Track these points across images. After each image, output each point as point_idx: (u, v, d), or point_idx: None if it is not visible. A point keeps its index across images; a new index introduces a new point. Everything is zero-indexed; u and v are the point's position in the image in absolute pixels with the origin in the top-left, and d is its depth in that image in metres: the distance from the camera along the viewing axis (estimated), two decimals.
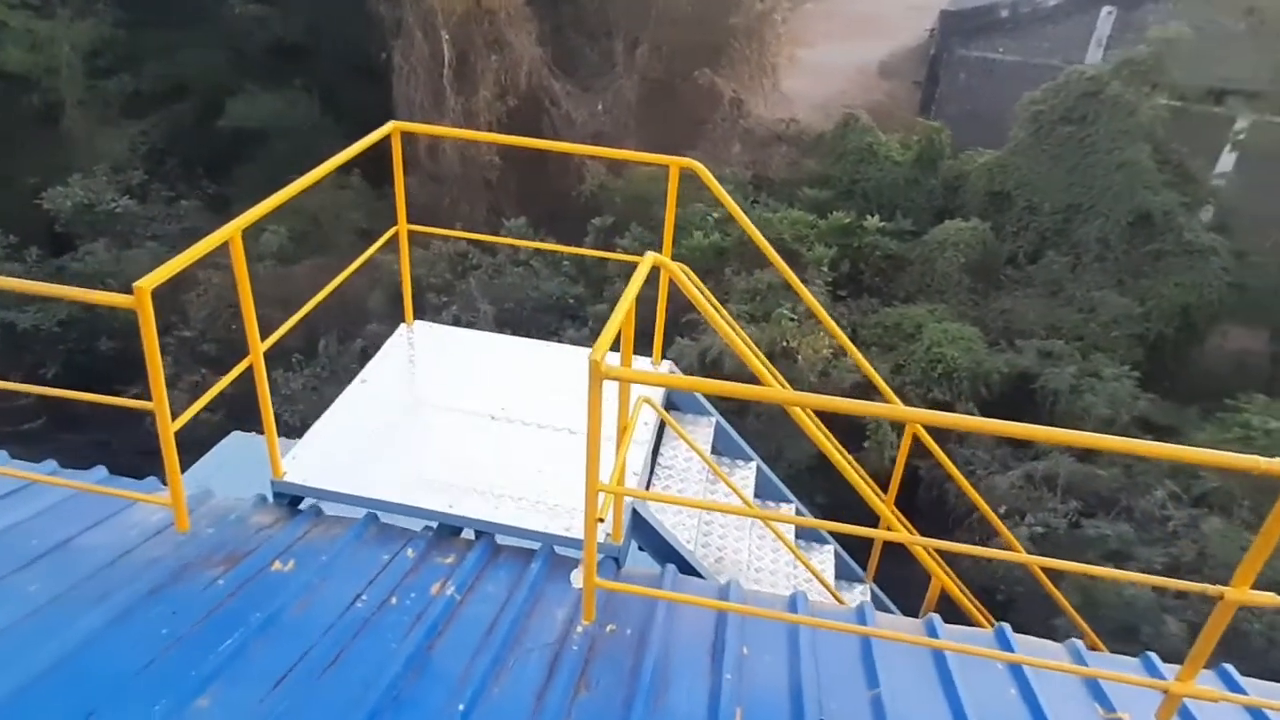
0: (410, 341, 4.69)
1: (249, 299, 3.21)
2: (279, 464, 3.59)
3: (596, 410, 2.57)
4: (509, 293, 13.68)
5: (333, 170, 3.81)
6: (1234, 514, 10.28)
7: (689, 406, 4.66)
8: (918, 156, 15.41)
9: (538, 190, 15.63)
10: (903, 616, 3.42)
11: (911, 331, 12.35)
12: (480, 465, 3.79)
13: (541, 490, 3.67)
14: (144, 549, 3.22)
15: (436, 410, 4.17)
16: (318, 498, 3.60)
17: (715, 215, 14.05)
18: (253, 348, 3.29)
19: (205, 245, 2.94)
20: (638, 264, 3.35)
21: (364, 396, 4.19)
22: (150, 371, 2.77)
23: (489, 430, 4.05)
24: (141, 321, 2.69)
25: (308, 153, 17.00)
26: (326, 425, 3.95)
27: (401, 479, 3.67)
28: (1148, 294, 13.31)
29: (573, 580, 3.31)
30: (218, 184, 15.78)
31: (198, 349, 13.54)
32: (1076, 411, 11.79)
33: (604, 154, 4.89)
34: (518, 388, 4.36)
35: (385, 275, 13.79)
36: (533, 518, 3.52)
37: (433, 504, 3.54)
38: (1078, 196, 13.80)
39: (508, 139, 4.77)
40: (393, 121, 4.31)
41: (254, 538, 3.36)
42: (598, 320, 13.46)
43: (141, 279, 2.65)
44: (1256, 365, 14.65)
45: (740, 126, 17.70)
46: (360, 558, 3.31)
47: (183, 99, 16.50)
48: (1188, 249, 13.35)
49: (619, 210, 14.93)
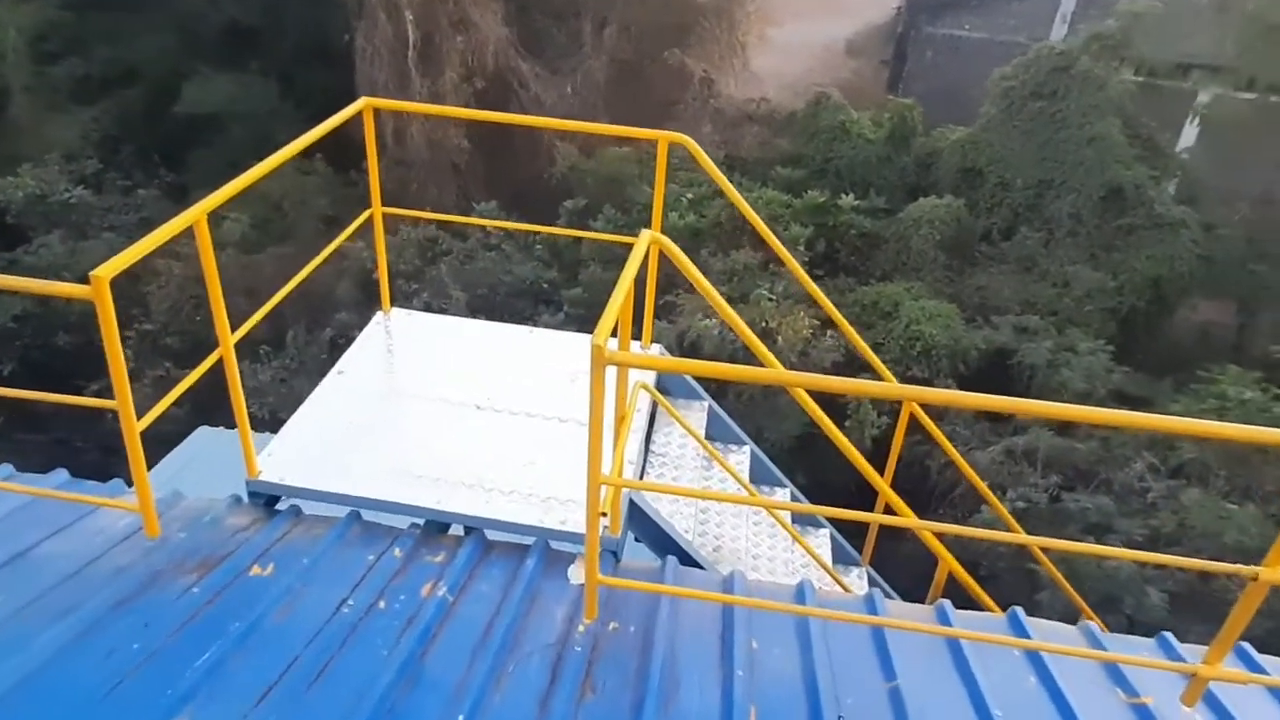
0: (387, 329, 4.49)
1: (216, 287, 3.00)
2: (254, 462, 3.38)
3: (599, 398, 2.40)
4: (481, 278, 13.42)
5: (299, 152, 3.57)
6: (1210, 484, 10.37)
7: (680, 391, 4.51)
8: (890, 134, 15.33)
9: (507, 173, 15.36)
10: (911, 604, 3.31)
11: (889, 310, 12.29)
12: (467, 457, 3.62)
13: (533, 482, 3.51)
14: (111, 557, 3.00)
15: (418, 401, 3.98)
16: (296, 497, 3.41)
17: (689, 196, 13.88)
18: (222, 339, 3.08)
19: (167, 231, 2.72)
20: (628, 244, 3.19)
21: (341, 388, 3.98)
22: (112, 368, 2.56)
23: (474, 420, 3.86)
24: (100, 314, 2.48)
25: (267, 138, 16.58)
26: (303, 419, 3.75)
27: (385, 474, 3.48)
28: (1120, 268, 13.37)
29: (570, 576, 3.15)
30: (175, 172, 15.30)
31: (160, 342, 13.15)
32: (1053, 386, 11.83)
33: (589, 129, 4.71)
34: (502, 375, 4.18)
35: (353, 263, 13.48)
36: (526, 511, 3.35)
37: (420, 500, 3.36)
38: (1050, 172, 13.80)
39: (485, 115, 4.57)
40: (364, 97, 4.08)
41: (230, 541, 3.16)
42: (573, 304, 13.26)
43: (99, 267, 2.44)
44: (1222, 336, 14.82)
45: (711, 106, 17.51)
46: (344, 559, 3.12)
47: (135, 84, 15.96)
48: (1158, 222, 13.41)
49: (591, 192, 14.71)
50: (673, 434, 4.32)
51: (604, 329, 2.36)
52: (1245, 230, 14.01)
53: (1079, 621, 3.18)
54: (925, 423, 4.50)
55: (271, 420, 12.82)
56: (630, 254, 2.89)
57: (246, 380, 12.93)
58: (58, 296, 2.48)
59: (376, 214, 4.41)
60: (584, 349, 4.44)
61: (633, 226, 13.75)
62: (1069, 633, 3.16)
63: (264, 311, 3.55)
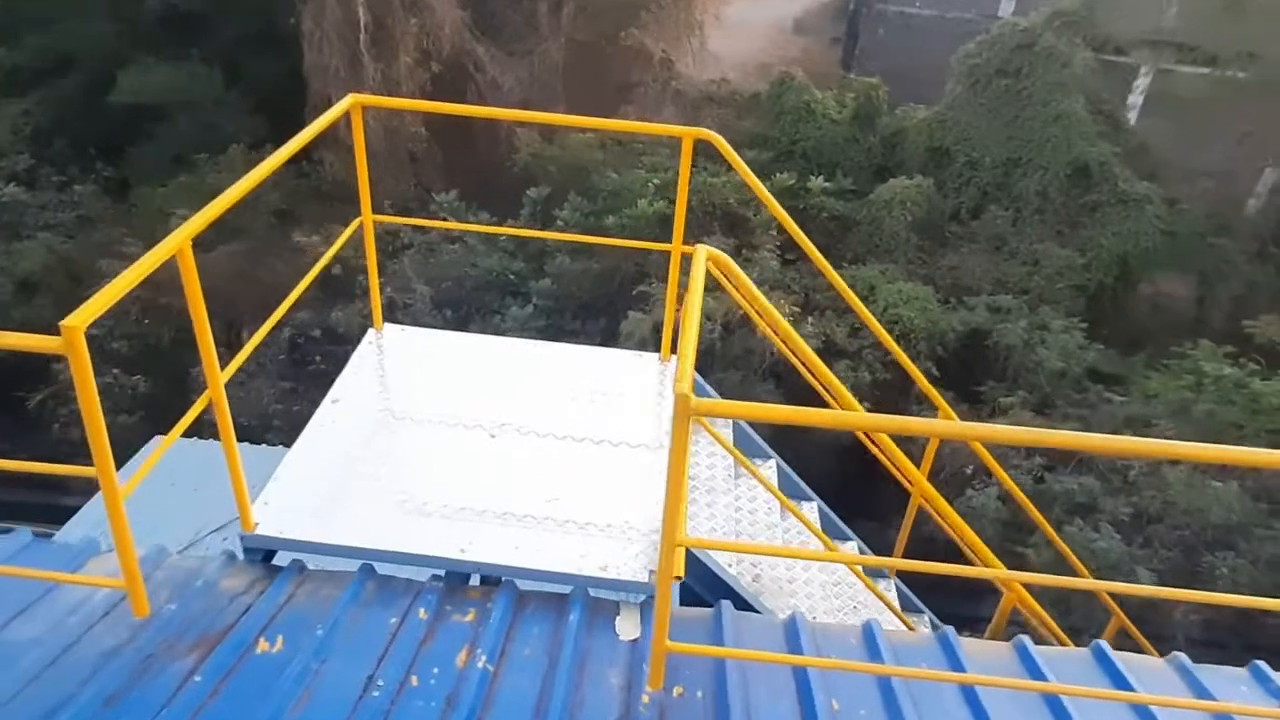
0: (380, 349, 4.09)
1: (204, 322, 2.60)
2: (248, 514, 3.00)
3: (682, 455, 2.08)
4: (445, 271, 12.95)
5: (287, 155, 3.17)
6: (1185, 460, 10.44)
7: None
8: (855, 114, 15.12)
9: (467, 162, 14.83)
10: (985, 641, 3.06)
11: (864, 293, 12.10)
12: (487, 492, 3.27)
13: (564, 520, 3.18)
14: (92, 639, 2.61)
15: (425, 428, 3.61)
16: (300, 551, 3.03)
17: (656, 181, 13.53)
18: (211, 380, 2.68)
19: (149, 263, 2.32)
20: (651, 249, 2.86)
21: (338, 419, 3.59)
22: (90, 429, 2.17)
23: (489, 451, 3.51)
24: (75, 369, 2.08)
25: (212, 129, 15.77)
26: (298, 459, 3.36)
27: (397, 519, 3.12)
28: (1087, 245, 13.39)
29: (619, 631, 2.84)
30: (114, 166, 14.48)
31: (106, 347, 12.43)
32: (1029, 365, 11.80)
33: (611, 126, 4.38)
34: (512, 395, 3.83)
35: (311, 260, 12.85)
36: (561, 557, 3.02)
37: (441, 549, 3.01)
38: (1017, 150, 13.74)
39: (483, 111, 4.18)
40: (352, 95, 3.67)
41: (228, 610, 2.78)
42: (542, 296, 12.87)
43: (72, 315, 2.04)
44: (1181, 310, 14.96)
45: (671, 88, 17.13)
46: (363, 626, 2.76)
47: (69, 74, 15.05)
48: (1123, 199, 13.44)
49: (555, 180, 14.27)
50: (699, 454, 4.02)
51: (685, 374, 2.04)
52: (1207, 205, 14.12)
53: (1169, 655, 2.96)
54: (986, 459, 4.25)
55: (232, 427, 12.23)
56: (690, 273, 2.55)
57: (201, 386, 12.34)
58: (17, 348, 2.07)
59: (367, 222, 4.01)
60: (601, 364, 4.14)
61: (599, 215, 13.37)
62: (1158, 668, 2.94)
63: (252, 346, 3.15)
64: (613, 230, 12.88)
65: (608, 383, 3.94)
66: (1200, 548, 9.25)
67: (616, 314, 12.78)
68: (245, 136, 14.42)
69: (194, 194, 13.44)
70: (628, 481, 3.42)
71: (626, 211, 12.62)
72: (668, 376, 4.07)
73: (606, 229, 12.87)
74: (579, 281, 13.01)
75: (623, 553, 3.06)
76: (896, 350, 4.05)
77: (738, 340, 11.44)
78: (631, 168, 14.00)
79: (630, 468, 3.49)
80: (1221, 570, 8.93)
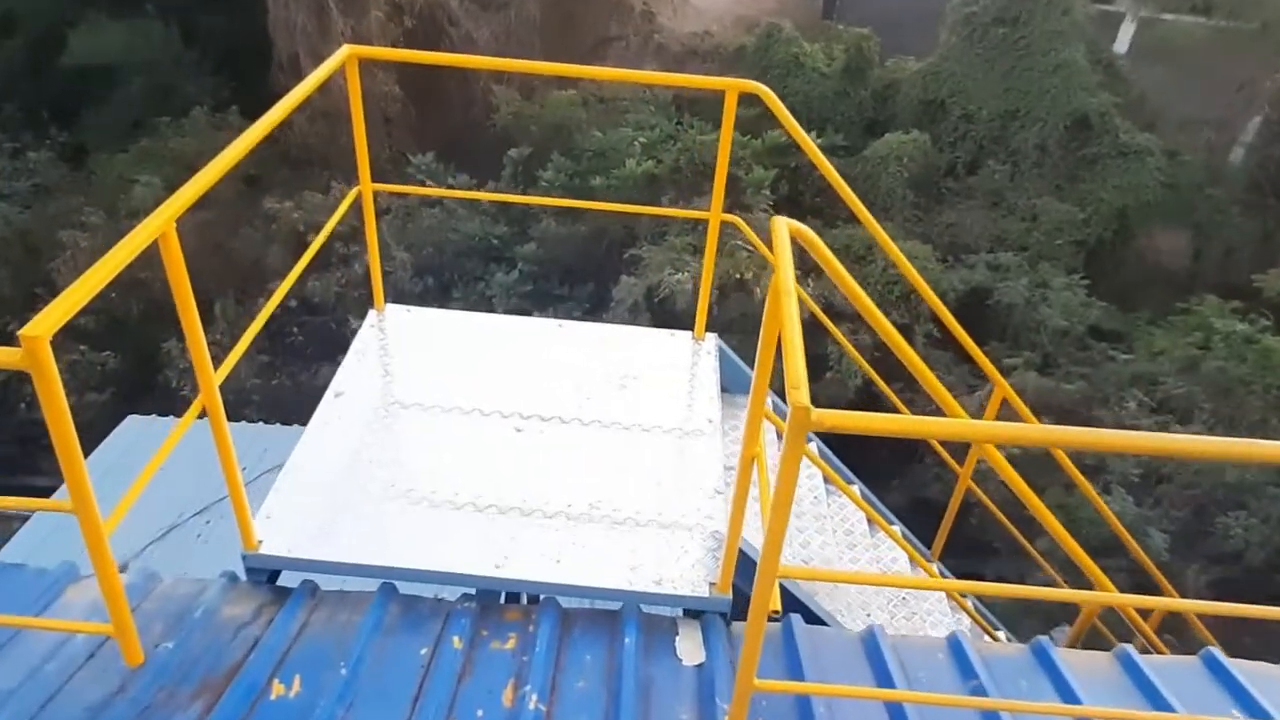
0: (384, 331, 3.67)
1: (193, 316, 2.19)
2: (250, 530, 2.60)
3: (791, 477, 1.70)
4: (425, 237, 12.42)
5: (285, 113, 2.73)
6: (1194, 418, 10.27)
7: (738, 386, 3.82)
8: (845, 67, 14.62)
9: (443, 123, 14.23)
10: (1083, 651, 2.76)
11: (862, 253, 11.76)
12: (517, 493, 2.90)
13: (607, 525, 2.82)
14: (76, 690, 2.22)
15: (441, 423, 3.22)
16: (311, 571, 2.65)
17: (642, 140, 13.02)
18: (204, 385, 2.27)
19: (124, 252, 1.90)
20: (693, 219, 2.48)
21: (342, 416, 3.19)
22: (62, 455, 1.76)
23: (516, 445, 3.13)
24: (40, 385, 1.67)
25: (171, 90, 14.98)
26: (302, 463, 2.96)
27: (419, 527, 2.75)
28: (1086, 199, 13.08)
29: (681, 654, 2.50)
30: (68, 131, 13.72)
31: (72, 323, 11.81)
32: (1031, 324, 11.55)
33: (662, 80, 4.00)
34: (535, 381, 3.44)
35: (282, 227, 12.33)
36: (608, 569, 2.67)
37: (474, 564, 2.64)
38: (1014, 102, 13.33)
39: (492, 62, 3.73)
40: (347, 45, 3.21)
41: (233, 645, 2.40)
42: (528, 261, 12.39)
43: (33, 323, 1.62)
44: (1175, 264, 14.76)
45: (654, 41, 16.55)
46: (391, 660, 2.40)
47: (14, 34, 14.18)
48: (1123, 151, 13.12)
49: (536, 140, 13.72)
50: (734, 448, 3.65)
51: (798, 378, 1.65)
52: (1203, 156, 13.85)
53: None
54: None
55: None
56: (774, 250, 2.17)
57: (175, 361, 11.79)
58: None
59: (366, 192, 3.57)
60: (628, 343, 3.70)
61: (584, 176, 12.86)
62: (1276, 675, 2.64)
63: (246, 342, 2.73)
64: (600, 192, 12.40)
65: (639, 364, 3.57)
66: (1212, 507, 9.11)
67: (605, 279, 12.35)
68: (207, 98, 13.70)
69: (156, 160, 12.77)
70: (671, 474, 3.07)
71: (615, 173, 12.12)
72: (702, 355, 3.69)
73: (593, 191, 12.39)
74: (565, 245, 12.54)
75: (677, 563, 2.71)
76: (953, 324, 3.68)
77: (734, 303, 11.07)
78: (616, 126, 13.48)
79: (672, 457, 3.13)
80: (1235, 530, 8.80)
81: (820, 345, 11.15)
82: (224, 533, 6.08)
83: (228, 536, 6.08)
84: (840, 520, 3.92)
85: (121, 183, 12.27)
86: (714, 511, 2.91)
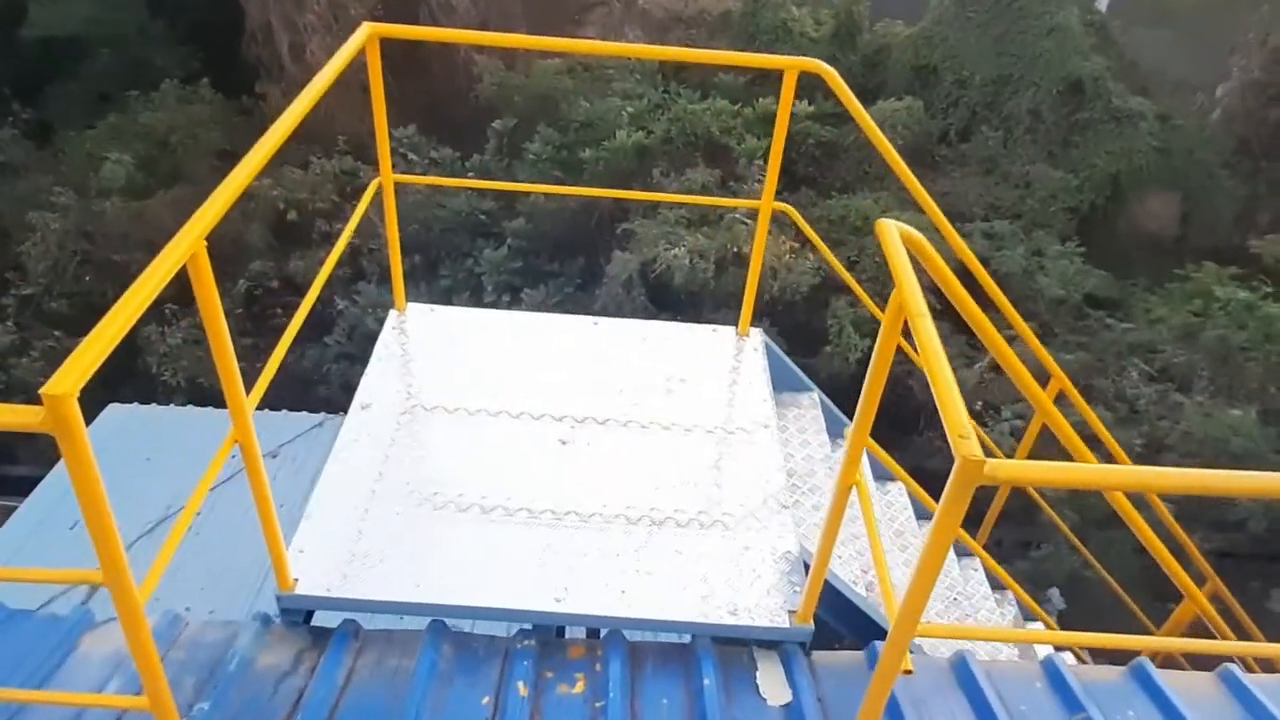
0: (406, 334, 3.41)
1: (223, 340, 1.93)
2: (285, 569, 2.37)
3: (948, 535, 1.49)
4: (412, 213, 12.04)
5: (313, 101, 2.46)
6: (1194, 386, 10.24)
7: (785, 382, 3.61)
8: (835, 32, 14.32)
9: (425, 94, 13.79)
10: (1182, 672, 2.60)
11: (859, 224, 11.55)
12: (570, 514, 2.68)
13: (672, 549, 2.61)
14: None
15: (480, 435, 2.98)
16: (353, 610, 2.42)
17: (630, 110, 12.68)
18: (236, 416, 2.02)
19: (154, 279, 1.64)
20: (745, 206, 2.26)
21: (371, 431, 2.94)
22: (94, 530, 1.50)
23: (562, 459, 2.91)
24: (67, 450, 1.41)
25: (140, 64, 14.35)
26: (332, 488, 2.71)
27: (471, 559, 2.52)
28: (1080, 165, 12.95)
29: (764, 693, 2.31)
30: (33, 107, 13.14)
31: (45, 307, 11.41)
32: (1029, 293, 11.43)
33: (715, 59, 3.68)
34: (575, 383, 3.21)
35: (263, 205, 11.92)
36: (679, 600, 2.46)
37: (532, 599, 2.42)
38: (1008, 67, 13.13)
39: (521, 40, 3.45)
40: (367, 24, 2.92)
41: (276, 700, 2.18)
42: (517, 236, 12.06)
43: (54, 380, 1.36)
44: (1164, 230, 14.69)
45: (637, 7, 16.12)
46: (452, 711, 2.18)
47: None
48: (1116, 115, 12.98)
49: (521, 111, 13.34)
50: (789, 440, 3.44)
51: (961, 423, 1.43)
52: (1198, 120, 13.74)
53: None
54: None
55: (189, 387, 11.36)
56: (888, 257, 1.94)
57: (154, 346, 11.39)
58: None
59: (387, 183, 3.28)
60: (666, 341, 3.40)
61: (573, 148, 12.51)
62: None
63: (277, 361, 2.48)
64: (589, 164, 12.08)
65: (683, 363, 3.35)
66: None
67: (596, 253, 12.07)
68: (177, 70, 13.17)
69: (127, 136, 12.26)
70: (731, 485, 2.86)
71: (605, 145, 11.79)
72: (749, 353, 3.47)
73: (583, 163, 12.06)
74: (554, 220, 12.23)
75: (751, 588, 2.51)
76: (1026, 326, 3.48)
77: (730, 277, 10.84)
78: (603, 95, 13.11)
79: (730, 466, 2.93)
80: (1241, 500, 8.78)
81: (820, 319, 10.99)
82: (214, 525, 5.80)
83: (218, 529, 5.83)
84: (889, 520, 3.74)
85: (91, 160, 11.78)
86: (782, 529, 2.71)
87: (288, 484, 6.73)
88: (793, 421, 3.47)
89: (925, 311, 1.68)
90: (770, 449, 2.98)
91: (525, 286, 11.69)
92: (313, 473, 7.25)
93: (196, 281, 1.84)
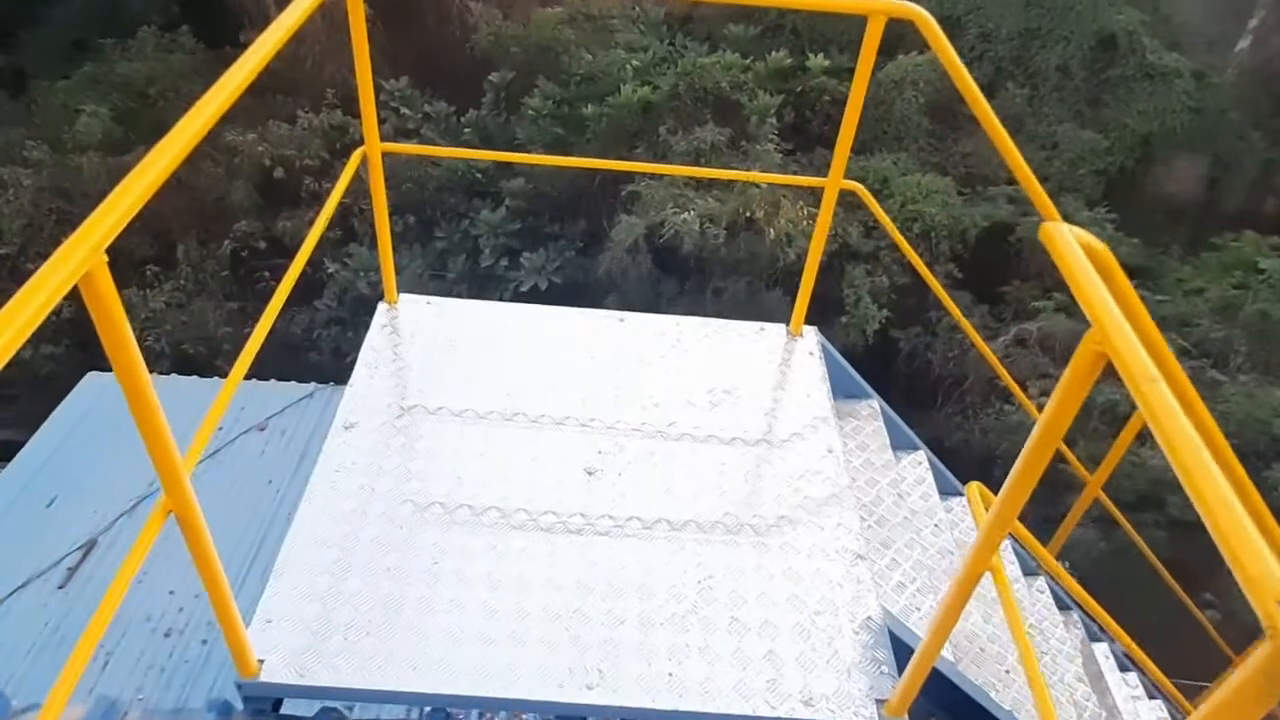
0: (398, 332, 2.86)
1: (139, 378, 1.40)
2: (247, 653, 1.86)
3: None
4: (404, 171, 11.40)
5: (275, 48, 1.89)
6: (1230, 362, 9.75)
7: (839, 387, 3.08)
8: None
9: (417, 45, 13.04)
10: None
11: (878, 187, 10.96)
12: (603, 577, 2.17)
13: (729, 614, 2.11)
14: None
15: (485, 455, 2.45)
16: (332, 699, 1.92)
17: (635, 63, 11.96)
18: (169, 484, 1.49)
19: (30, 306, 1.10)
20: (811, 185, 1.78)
21: (357, 461, 2.40)
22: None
23: (591, 496, 2.38)
24: None
25: (116, 9, 13.50)
26: (306, 536, 2.19)
27: (476, 633, 2.01)
28: (1110, 125, 12.30)
29: None
30: (4, 53, 12.41)
31: (21, 269, 10.80)
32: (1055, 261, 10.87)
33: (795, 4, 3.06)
34: (600, 401, 2.68)
35: (246, 162, 11.28)
36: (740, 688, 1.96)
37: (557, 687, 1.92)
38: (1036, 19, 12.42)
39: None
40: None
41: None
42: (515, 197, 11.44)
43: None
44: (1189, 194, 14.09)
45: None
46: None
47: None
48: (1149, 73, 12.31)
49: (519, 63, 12.61)
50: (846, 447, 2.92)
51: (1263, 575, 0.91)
52: (1234, 78, 13.06)
53: None
54: None
55: (173, 354, 10.82)
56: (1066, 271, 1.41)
57: (136, 311, 10.81)
58: None
59: (373, 153, 2.71)
60: (706, 341, 2.84)
61: (574, 103, 11.82)
62: None
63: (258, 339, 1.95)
64: (592, 121, 11.41)
65: (726, 369, 2.82)
66: (1254, 459, 8.63)
67: (598, 215, 11.47)
68: (155, 17, 12.41)
69: (103, 86, 11.56)
70: (794, 529, 2.35)
71: (610, 100, 11.11)
72: (802, 355, 2.94)
73: (585, 119, 11.40)
74: (555, 180, 11.59)
75: (828, 667, 2.02)
76: None
77: (743, 243, 10.26)
78: (606, 47, 12.39)
79: (791, 501, 2.42)
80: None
81: (836, 289, 10.44)
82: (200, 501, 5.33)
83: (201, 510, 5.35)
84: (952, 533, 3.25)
85: (66, 113, 11.09)
86: (859, 587, 2.21)
87: (277, 458, 6.23)
88: (851, 436, 2.95)
89: (1156, 375, 1.15)
90: (839, 483, 2.47)
91: (524, 250, 11.11)
92: (303, 446, 6.70)
93: (96, 308, 1.30)
